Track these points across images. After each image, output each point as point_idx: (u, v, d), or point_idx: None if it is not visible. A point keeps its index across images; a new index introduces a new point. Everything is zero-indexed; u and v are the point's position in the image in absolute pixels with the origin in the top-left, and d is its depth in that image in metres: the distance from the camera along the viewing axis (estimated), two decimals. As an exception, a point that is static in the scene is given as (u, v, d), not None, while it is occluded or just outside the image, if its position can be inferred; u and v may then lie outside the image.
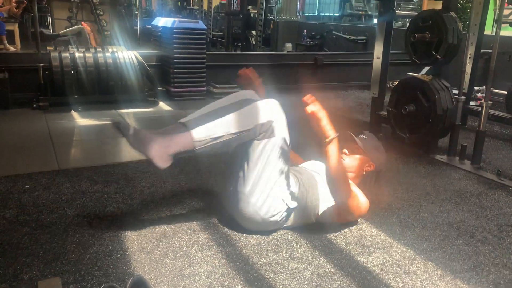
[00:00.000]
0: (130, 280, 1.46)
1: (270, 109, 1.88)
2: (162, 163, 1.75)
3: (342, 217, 2.06)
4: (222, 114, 1.86)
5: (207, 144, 1.79)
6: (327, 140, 1.82)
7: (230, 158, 2.03)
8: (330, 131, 1.83)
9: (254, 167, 1.88)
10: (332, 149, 1.82)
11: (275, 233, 2.01)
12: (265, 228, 1.99)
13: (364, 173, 2.20)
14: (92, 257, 1.76)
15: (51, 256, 1.75)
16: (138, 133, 1.76)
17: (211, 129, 1.80)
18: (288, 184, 1.96)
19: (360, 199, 2.01)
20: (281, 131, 1.89)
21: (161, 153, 1.74)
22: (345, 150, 2.23)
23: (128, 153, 3.04)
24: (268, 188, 1.89)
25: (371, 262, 1.82)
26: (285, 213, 1.96)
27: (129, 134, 1.74)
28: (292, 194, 1.97)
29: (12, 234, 1.89)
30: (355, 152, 2.21)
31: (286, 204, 1.94)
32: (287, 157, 1.93)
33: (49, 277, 1.59)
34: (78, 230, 1.96)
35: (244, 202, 1.92)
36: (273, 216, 1.93)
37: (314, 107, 1.83)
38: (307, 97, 1.83)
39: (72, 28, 7.15)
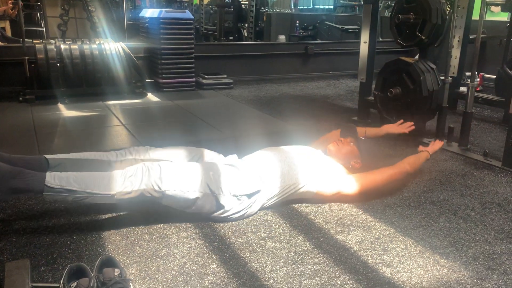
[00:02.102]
0: (99, 259, 1.43)
1: (136, 176, 1.75)
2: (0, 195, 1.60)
3: (346, 192, 2.11)
4: (91, 169, 1.78)
5: (57, 194, 1.66)
6: (428, 156, 2.40)
7: None
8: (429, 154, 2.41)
9: (193, 208, 1.86)
10: (424, 159, 2.37)
11: (254, 214, 1.99)
12: (246, 215, 1.96)
13: (350, 166, 2.24)
14: (66, 240, 1.73)
15: (25, 240, 1.72)
16: None
17: (69, 180, 1.66)
18: (238, 180, 1.93)
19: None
20: (168, 183, 1.78)
21: (0, 183, 1.59)
22: (342, 139, 2.29)
23: (110, 142, 3.01)
24: (209, 204, 1.87)
25: (349, 240, 1.80)
26: (255, 199, 1.95)
27: None
28: (248, 180, 1.95)
29: (-14, 220, 1.87)
30: (351, 144, 2.30)
31: (241, 195, 1.91)
32: (203, 177, 1.86)
33: (18, 259, 1.57)
34: (55, 215, 1.94)
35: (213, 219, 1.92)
36: (246, 208, 1.94)
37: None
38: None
39: None
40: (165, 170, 1.80)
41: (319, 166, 2.12)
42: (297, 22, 9.00)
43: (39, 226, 1.84)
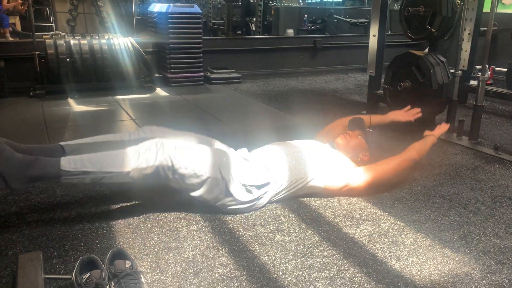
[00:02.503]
0: (110, 251, 1.45)
1: (151, 153, 1.75)
2: (15, 183, 1.60)
3: (354, 184, 2.10)
4: (103, 149, 1.78)
5: (73, 176, 1.67)
6: (435, 141, 2.36)
7: None
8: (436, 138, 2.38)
9: (199, 194, 1.86)
10: (430, 144, 2.31)
11: (263, 208, 2.00)
12: (253, 208, 1.97)
13: (359, 159, 2.23)
14: (77, 233, 1.76)
15: (37, 233, 1.75)
16: None
17: (83, 163, 1.68)
18: (250, 171, 1.94)
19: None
20: (180, 160, 1.78)
21: (18, 172, 1.60)
22: (350, 132, 2.28)
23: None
24: (217, 191, 1.86)
25: (358, 234, 1.80)
26: (265, 192, 1.96)
27: None
28: (262, 174, 1.96)
29: (0, 214, 1.90)
30: (357, 137, 2.28)
31: (261, 185, 1.93)
32: (210, 161, 1.86)
33: (31, 252, 1.59)
34: (66, 208, 1.96)
35: (220, 208, 1.92)
36: (257, 200, 1.94)
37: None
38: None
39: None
40: (179, 148, 1.80)
41: (327, 160, 2.12)
42: (306, 16, 8.96)
43: (51, 219, 1.86)
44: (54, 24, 9.44)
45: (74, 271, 1.36)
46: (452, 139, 3.05)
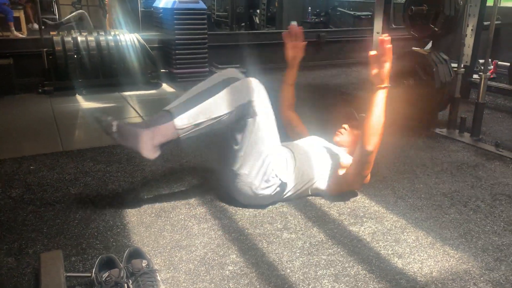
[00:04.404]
0: (127, 251, 1.53)
1: (248, 89, 1.89)
2: (150, 154, 1.81)
3: (346, 180, 2.08)
4: (203, 99, 1.87)
5: (190, 131, 1.83)
6: (381, 86, 1.83)
7: (222, 137, 2.06)
8: (386, 80, 1.83)
9: (242, 146, 1.92)
10: (381, 96, 1.85)
11: (270, 206, 2.07)
12: (260, 202, 2.04)
13: None
14: (93, 231, 1.84)
15: (55, 231, 1.83)
16: (122, 128, 1.80)
17: (193, 116, 1.83)
18: (280, 159, 2.01)
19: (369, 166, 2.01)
20: (263, 109, 1.92)
21: (148, 145, 1.79)
22: (345, 126, 2.29)
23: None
24: (258, 164, 1.93)
25: (362, 232, 1.87)
26: (278, 188, 2.02)
27: (113, 131, 1.79)
28: (285, 168, 2.02)
29: (17, 212, 1.98)
30: (354, 129, 2.29)
31: (280, 179, 1.99)
32: (273, 133, 1.98)
33: (52, 250, 1.67)
34: (81, 207, 2.04)
35: (237, 178, 1.98)
36: (265, 189, 1.99)
37: (388, 50, 1.76)
38: (385, 36, 1.78)
39: (73, 14, 7.16)
40: (266, 97, 1.97)
41: (327, 162, 2.16)
42: (309, 8, 8.95)
43: (67, 218, 1.94)
44: (58, 17, 9.49)
45: (94, 269, 1.44)
46: (454, 136, 3.11)
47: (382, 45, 1.77)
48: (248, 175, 1.95)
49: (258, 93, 1.92)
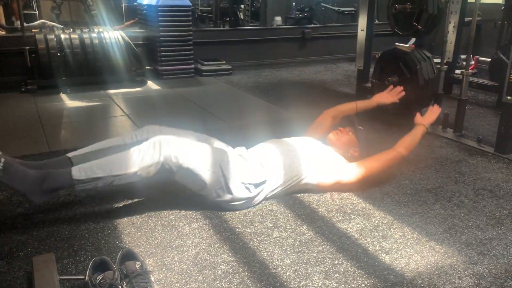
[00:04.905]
0: (120, 252, 1.54)
1: (154, 150, 1.85)
2: (36, 198, 1.75)
3: (343, 178, 2.19)
4: (109, 154, 1.87)
5: (86, 184, 1.78)
6: (425, 130, 2.42)
7: None
8: (428, 125, 2.45)
9: (198, 190, 1.96)
10: (421, 132, 2.39)
11: (260, 204, 2.10)
12: (249, 205, 2.07)
13: (349, 155, 2.34)
14: (84, 233, 1.84)
15: (45, 233, 1.83)
16: (8, 167, 1.70)
17: (92, 169, 1.78)
18: (247, 165, 2.05)
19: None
20: (181, 157, 1.88)
21: (34, 188, 1.72)
22: (342, 128, 2.39)
23: (116, 133, 3.09)
24: (218, 188, 1.96)
25: (351, 228, 1.92)
26: (260, 189, 2.06)
27: None
28: (256, 170, 2.06)
29: (6, 215, 1.97)
30: (350, 134, 2.41)
31: (250, 183, 2.02)
32: (210, 160, 1.96)
33: (43, 253, 1.67)
34: (70, 208, 2.04)
35: (215, 204, 2.02)
36: (246, 195, 2.03)
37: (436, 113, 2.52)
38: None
39: (34, 23, 6.77)
40: (182, 144, 1.91)
41: (319, 158, 2.22)
42: (293, 3, 8.97)
43: (57, 219, 1.94)
44: (37, 12, 9.30)
45: (88, 272, 1.45)
46: (438, 132, 3.18)
47: (436, 111, 2.52)
48: (228, 200, 1.99)
49: (166, 149, 1.86)
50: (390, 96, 2.77)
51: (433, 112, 2.52)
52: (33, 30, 4.32)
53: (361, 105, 2.70)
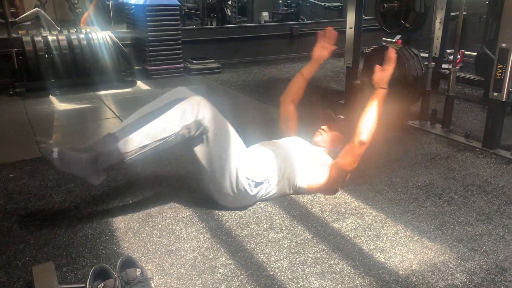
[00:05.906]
0: (120, 260, 1.56)
1: (193, 108, 1.90)
2: (94, 180, 1.79)
3: (332, 177, 2.17)
4: (148, 121, 1.88)
5: (135, 154, 1.81)
6: (382, 87, 2.14)
7: (189, 156, 2.07)
8: (386, 83, 2.15)
9: (206, 166, 1.97)
10: (380, 95, 2.14)
11: (255, 206, 2.13)
12: (242, 204, 2.10)
13: (338, 150, 2.32)
14: (82, 240, 1.85)
15: (42, 241, 1.83)
16: (62, 156, 1.74)
17: (137, 139, 1.81)
18: (251, 166, 2.06)
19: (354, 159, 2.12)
20: (214, 124, 1.93)
21: (91, 170, 1.77)
22: (324, 127, 2.37)
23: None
24: (228, 182, 1.98)
25: (345, 228, 1.96)
26: (258, 189, 2.08)
27: (53, 158, 1.73)
28: (260, 171, 2.08)
29: (2, 223, 1.97)
30: (333, 130, 2.39)
31: (252, 180, 2.04)
32: (234, 144, 2.00)
33: (42, 262, 1.68)
34: (67, 215, 2.04)
35: (215, 194, 2.05)
36: (245, 194, 2.04)
37: (394, 58, 2.15)
38: (392, 50, 2.17)
39: (28, 13, 6.75)
40: (217, 112, 2.00)
41: (309, 160, 2.23)
42: (280, -1, 8.97)
43: (54, 227, 1.94)
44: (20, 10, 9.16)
45: (88, 280, 1.47)
46: (426, 128, 3.23)
47: (390, 54, 2.14)
48: (222, 190, 2.01)
49: (204, 110, 1.91)
50: (325, 46, 2.58)
51: (381, 68, 2.16)
52: (19, 32, 4.26)
53: (306, 71, 2.58)
